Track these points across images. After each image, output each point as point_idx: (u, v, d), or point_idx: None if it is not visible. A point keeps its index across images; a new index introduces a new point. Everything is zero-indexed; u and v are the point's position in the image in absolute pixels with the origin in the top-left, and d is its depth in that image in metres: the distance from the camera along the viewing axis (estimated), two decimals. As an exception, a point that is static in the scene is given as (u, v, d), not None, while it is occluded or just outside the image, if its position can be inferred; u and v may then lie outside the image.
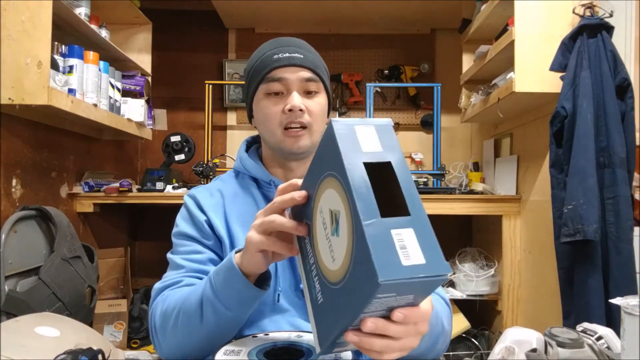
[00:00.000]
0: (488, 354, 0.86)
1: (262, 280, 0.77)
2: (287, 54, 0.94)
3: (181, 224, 0.98)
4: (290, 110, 0.92)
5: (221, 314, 0.76)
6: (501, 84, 2.04)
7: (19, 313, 1.43)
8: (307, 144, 0.95)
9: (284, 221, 0.67)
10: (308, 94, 0.95)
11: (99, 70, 1.99)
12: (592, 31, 1.66)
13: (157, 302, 0.88)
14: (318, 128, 0.97)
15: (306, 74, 0.94)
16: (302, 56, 0.94)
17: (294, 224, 0.66)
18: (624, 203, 1.57)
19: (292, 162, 0.99)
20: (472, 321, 2.40)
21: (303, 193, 0.65)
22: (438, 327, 0.81)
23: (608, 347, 0.80)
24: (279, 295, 0.91)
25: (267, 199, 0.98)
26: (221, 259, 0.93)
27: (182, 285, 0.88)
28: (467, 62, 2.59)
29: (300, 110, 0.92)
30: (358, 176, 0.53)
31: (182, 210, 1.00)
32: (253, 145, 1.10)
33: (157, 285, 0.91)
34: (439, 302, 0.89)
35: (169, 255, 0.96)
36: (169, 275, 0.92)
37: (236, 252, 0.76)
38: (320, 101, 0.97)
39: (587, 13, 1.70)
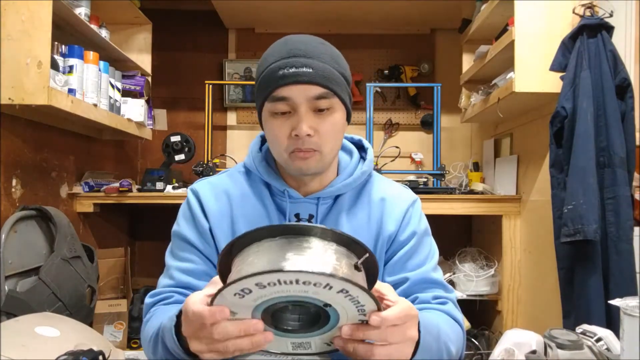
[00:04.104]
0: (488, 354, 0.85)
1: None
2: (294, 69, 0.81)
3: (182, 224, 0.94)
4: (296, 136, 0.83)
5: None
6: (501, 84, 2.04)
7: (19, 313, 1.43)
8: (317, 165, 0.87)
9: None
10: (320, 111, 0.84)
11: (99, 70, 1.99)
12: (592, 31, 1.66)
13: (145, 321, 0.88)
14: (331, 149, 0.87)
15: (316, 90, 0.82)
16: (310, 70, 0.81)
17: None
18: (624, 203, 1.57)
19: (304, 176, 0.91)
20: (472, 321, 2.40)
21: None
22: (441, 351, 0.76)
23: (607, 349, 0.80)
24: None
25: (279, 209, 0.93)
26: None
27: (170, 302, 0.89)
28: (467, 62, 2.58)
29: (309, 135, 0.83)
30: None
31: (184, 207, 0.95)
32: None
33: (148, 300, 0.91)
34: (449, 324, 0.85)
35: (166, 254, 0.95)
36: (161, 284, 0.92)
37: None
38: (333, 120, 0.85)
39: (587, 13, 1.70)
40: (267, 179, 0.93)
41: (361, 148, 1.02)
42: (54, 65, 1.73)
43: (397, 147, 2.79)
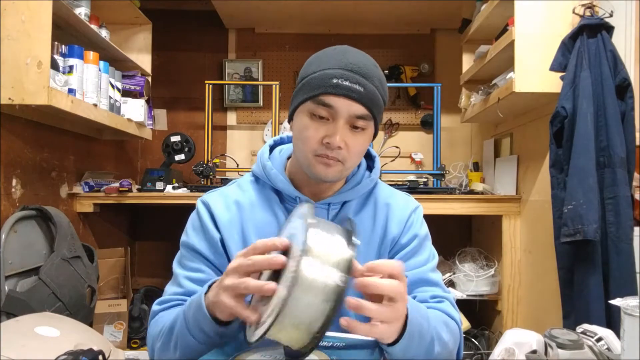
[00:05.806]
0: (488, 354, 0.85)
1: None
2: (348, 83, 0.84)
3: (191, 234, 0.94)
4: (328, 143, 0.86)
5: (192, 346, 0.78)
6: (501, 84, 2.04)
7: (19, 313, 1.43)
8: (337, 175, 0.90)
9: (257, 286, 0.66)
10: (354, 128, 0.88)
11: (99, 70, 1.99)
12: (592, 31, 1.66)
13: (151, 324, 0.89)
14: (353, 164, 0.92)
15: (359, 110, 0.86)
16: (362, 90, 0.85)
17: (268, 287, 0.65)
18: (624, 203, 1.57)
19: (320, 183, 0.94)
20: (472, 321, 2.40)
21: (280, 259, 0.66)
22: (430, 332, 0.78)
23: (608, 349, 0.80)
24: None
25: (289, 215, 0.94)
26: None
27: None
28: (467, 62, 2.59)
29: (339, 147, 0.86)
30: None
31: (194, 217, 0.96)
32: (276, 148, 1.03)
33: (155, 307, 0.91)
34: (443, 319, 0.88)
35: (174, 264, 0.95)
36: (168, 292, 0.92)
37: (210, 286, 0.76)
38: (364, 139, 0.90)
39: (587, 13, 1.70)
40: (278, 185, 0.95)
41: (368, 157, 1.06)
42: (54, 65, 1.73)
43: (397, 147, 2.79)
